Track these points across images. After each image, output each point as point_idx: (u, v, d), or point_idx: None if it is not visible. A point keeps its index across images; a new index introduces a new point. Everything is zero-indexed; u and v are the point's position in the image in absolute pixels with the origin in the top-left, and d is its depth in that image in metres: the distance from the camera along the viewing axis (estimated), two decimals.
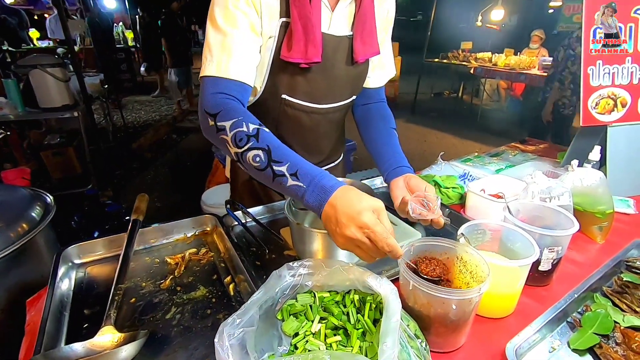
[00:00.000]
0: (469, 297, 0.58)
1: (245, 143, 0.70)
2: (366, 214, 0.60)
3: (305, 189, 0.66)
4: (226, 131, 0.72)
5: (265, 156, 0.68)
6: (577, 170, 1.04)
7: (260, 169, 0.69)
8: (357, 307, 0.66)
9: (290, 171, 0.67)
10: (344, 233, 0.61)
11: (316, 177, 0.66)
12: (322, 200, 0.65)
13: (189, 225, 1.02)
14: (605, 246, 0.99)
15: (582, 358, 0.65)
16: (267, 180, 0.70)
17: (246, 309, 0.55)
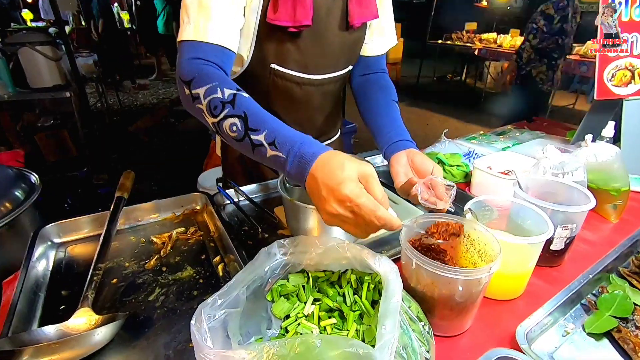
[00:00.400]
0: (477, 277, 0.53)
1: (221, 111, 0.62)
2: (348, 185, 0.52)
3: (284, 160, 0.58)
4: (200, 99, 0.64)
5: (242, 124, 0.60)
6: (591, 146, 0.97)
7: (238, 139, 0.61)
8: (354, 288, 0.60)
9: (268, 140, 0.59)
10: (325, 208, 0.54)
11: (295, 145, 0.58)
12: (303, 171, 0.56)
13: (178, 203, 0.96)
14: (619, 225, 0.93)
15: (598, 343, 0.60)
16: (248, 152, 0.62)
17: (229, 288, 0.49)
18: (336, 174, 0.53)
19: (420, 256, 0.55)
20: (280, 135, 0.60)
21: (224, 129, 0.63)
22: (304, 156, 0.57)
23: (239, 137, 0.62)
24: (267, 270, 0.59)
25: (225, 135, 0.63)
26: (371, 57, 1.03)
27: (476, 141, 1.39)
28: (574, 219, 0.73)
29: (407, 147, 0.81)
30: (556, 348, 0.59)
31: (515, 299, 0.69)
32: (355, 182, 0.53)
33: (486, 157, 1.12)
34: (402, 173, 0.76)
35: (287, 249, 0.61)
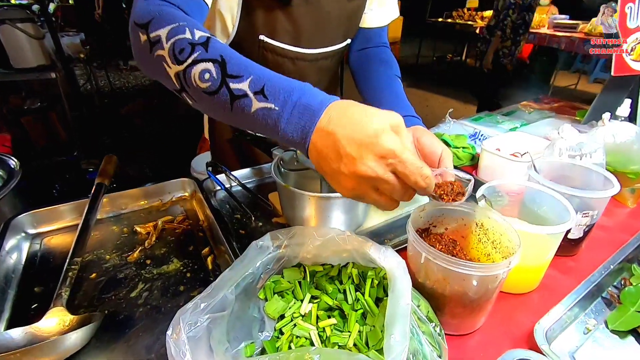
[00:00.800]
0: (495, 272, 0.47)
1: (189, 54, 0.47)
2: (387, 136, 0.40)
3: (278, 113, 0.43)
4: (162, 42, 0.49)
5: (218, 70, 0.46)
6: (608, 125, 0.91)
7: (212, 90, 0.46)
8: (355, 284, 0.54)
9: (254, 87, 0.44)
10: (356, 170, 0.40)
11: (294, 92, 0.44)
12: (307, 126, 0.43)
13: (165, 190, 0.89)
14: (637, 211, 0.87)
15: (623, 340, 0.55)
16: (225, 110, 0.47)
17: (214, 289, 0.43)
18: (366, 124, 0.40)
19: (431, 249, 0.49)
20: (271, 81, 0.45)
21: (192, 80, 0.47)
22: (309, 105, 0.43)
23: (212, 88, 0.46)
24: (259, 266, 0.52)
25: (194, 90, 0.48)
26: (371, 29, 0.94)
27: (482, 122, 1.31)
28: (596, 205, 0.67)
29: (412, 123, 0.74)
30: (577, 347, 0.54)
31: (530, 293, 0.64)
32: (393, 134, 0.41)
33: (494, 139, 1.05)
34: None
35: (282, 241, 0.55)
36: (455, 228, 0.62)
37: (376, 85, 0.86)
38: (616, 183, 0.67)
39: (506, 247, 0.55)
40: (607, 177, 0.71)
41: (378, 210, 0.84)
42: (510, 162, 0.90)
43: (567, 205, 0.61)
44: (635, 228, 0.78)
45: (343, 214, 0.73)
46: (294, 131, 0.44)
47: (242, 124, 0.49)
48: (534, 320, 0.58)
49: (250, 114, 0.45)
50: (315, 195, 0.68)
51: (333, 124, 0.42)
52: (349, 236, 0.54)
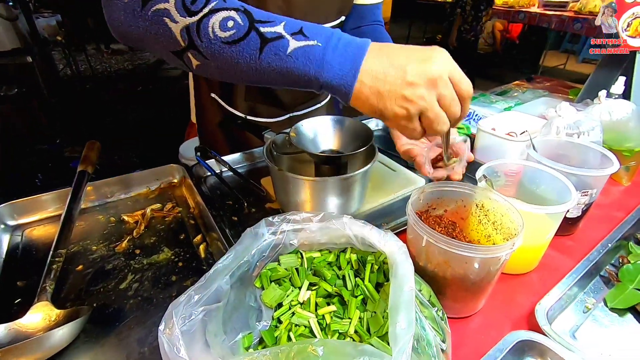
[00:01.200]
0: (497, 254, 0.46)
1: (204, 4, 0.43)
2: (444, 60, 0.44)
3: (323, 48, 0.43)
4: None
5: (243, 17, 0.43)
6: (604, 103, 0.89)
7: (237, 38, 0.43)
8: (355, 269, 0.53)
9: (291, 30, 0.43)
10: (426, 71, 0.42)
11: (334, 33, 0.44)
12: (357, 55, 0.43)
13: (153, 176, 0.86)
14: (631, 188, 0.87)
15: (622, 318, 0.55)
16: (248, 60, 0.44)
17: (208, 279, 0.41)
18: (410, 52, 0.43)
19: (432, 232, 0.48)
20: (306, 24, 0.45)
21: (209, 30, 0.43)
22: (353, 40, 0.44)
23: (238, 35, 0.43)
24: (255, 253, 0.50)
25: (209, 43, 0.43)
26: (365, 6, 0.90)
27: (476, 102, 1.29)
28: (595, 184, 0.66)
29: None
30: (577, 326, 0.53)
31: (529, 273, 0.63)
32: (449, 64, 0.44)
33: (489, 118, 1.03)
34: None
35: (277, 227, 0.53)
36: (455, 210, 0.61)
37: None
38: (615, 161, 0.66)
39: (507, 229, 0.54)
40: (605, 155, 0.70)
41: (374, 194, 0.82)
42: (507, 142, 0.89)
43: (568, 184, 0.60)
44: (630, 206, 0.78)
45: (338, 198, 0.70)
46: (343, 62, 0.43)
47: (266, 72, 0.45)
48: (534, 301, 0.57)
49: (286, 55, 0.43)
50: (310, 179, 0.66)
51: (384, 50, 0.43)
52: (348, 220, 0.52)
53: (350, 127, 0.79)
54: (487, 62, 5.67)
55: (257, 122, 0.96)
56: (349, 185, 0.70)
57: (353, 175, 0.67)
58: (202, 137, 1.06)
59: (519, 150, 0.90)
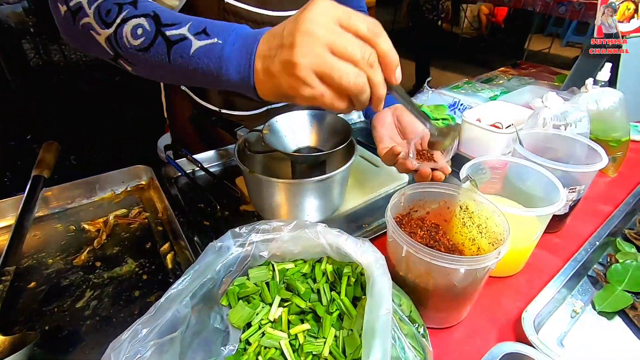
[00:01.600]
0: (483, 265, 0.42)
1: (117, 14, 0.44)
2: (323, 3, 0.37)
3: (221, 45, 0.42)
4: (84, 9, 0.45)
5: (151, 22, 0.43)
6: (591, 91, 0.86)
7: (146, 45, 0.43)
8: (330, 282, 0.49)
9: (195, 30, 0.43)
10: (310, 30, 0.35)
11: (236, 27, 0.43)
12: (251, 44, 0.41)
13: (118, 178, 0.80)
14: (618, 180, 0.85)
15: (610, 322, 0.52)
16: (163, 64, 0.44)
17: (159, 309, 0.36)
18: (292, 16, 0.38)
19: (412, 241, 0.44)
20: (212, 23, 0.43)
21: (124, 40, 0.44)
22: (251, 32, 0.42)
23: (146, 43, 0.43)
24: (220, 269, 0.46)
25: (127, 51, 0.45)
26: None
27: (461, 90, 1.26)
28: (583, 180, 0.63)
29: (392, 102, 0.67)
30: (565, 333, 0.51)
31: (515, 275, 0.60)
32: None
33: (474, 109, 0.99)
34: (387, 136, 0.63)
35: (245, 239, 0.48)
36: (438, 211, 0.57)
37: None
38: (604, 155, 0.63)
39: (493, 232, 0.51)
40: (593, 149, 0.67)
41: (355, 192, 0.78)
42: (492, 134, 0.85)
43: (556, 181, 0.57)
44: (617, 198, 0.76)
45: (317, 200, 0.66)
46: (239, 56, 0.41)
47: (182, 74, 0.45)
48: (520, 306, 0.54)
49: (190, 56, 0.42)
50: (284, 182, 0.61)
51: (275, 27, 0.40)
52: (322, 229, 0.48)
53: (330, 121, 0.74)
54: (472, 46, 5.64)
55: (232, 115, 0.90)
56: (327, 186, 0.66)
57: (331, 176, 0.62)
58: (173, 133, 1.00)
59: (505, 142, 0.87)
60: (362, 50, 0.36)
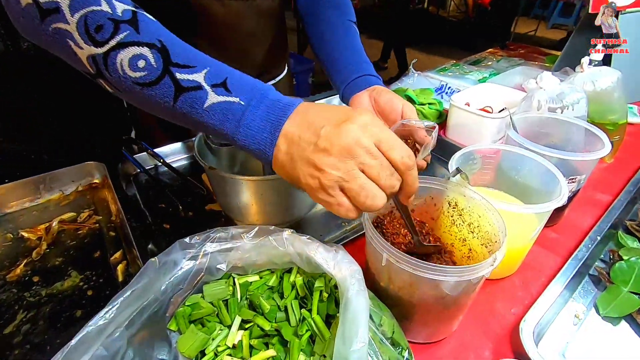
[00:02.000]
0: (476, 275, 0.36)
1: (112, 34, 0.35)
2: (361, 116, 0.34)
3: (245, 107, 0.36)
4: (63, 13, 0.35)
5: (157, 57, 0.35)
6: (587, 71, 0.80)
7: (148, 81, 0.36)
8: (301, 297, 0.42)
9: (213, 80, 0.36)
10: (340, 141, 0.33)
11: (260, 89, 0.37)
12: (278, 118, 0.36)
13: (67, 177, 0.71)
14: (615, 166, 0.80)
15: (616, 327, 0.47)
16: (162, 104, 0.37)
17: (79, 342, 0.29)
18: (334, 112, 0.35)
19: (393, 249, 0.37)
20: (233, 75, 0.37)
21: (117, 67, 0.35)
22: (278, 100, 0.37)
23: (149, 79, 0.36)
24: (167, 288, 0.38)
25: (119, 79, 0.36)
26: None
27: (449, 73, 1.18)
28: (584, 169, 0.57)
29: (370, 83, 0.60)
30: (567, 343, 0.45)
31: (510, 276, 0.54)
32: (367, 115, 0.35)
33: (463, 92, 0.92)
34: None
35: (198, 250, 0.41)
36: (423, 208, 0.51)
37: (327, 37, 0.69)
38: (606, 140, 0.57)
39: (486, 232, 0.44)
40: (592, 133, 0.61)
41: None
42: (482, 119, 0.79)
43: (555, 172, 0.50)
44: (615, 186, 0.71)
45: (289, 197, 0.59)
46: (262, 126, 0.36)
47: (185, 121, 0.39)
48: (516, 312, 0.49)
49: (202, 109, 0.36)
50: (250, 179, 0.53)
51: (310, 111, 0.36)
52: (289, 236, 0.41)
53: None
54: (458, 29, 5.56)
55: None
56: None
57: None
58: (135, 124, 0.90)
59: (497, 127, 0.81)
60: (391, 179, 0.35)
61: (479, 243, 0.45)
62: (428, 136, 0.49)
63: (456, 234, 0.49)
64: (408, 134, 0.51)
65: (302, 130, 0.35)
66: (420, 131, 0.49)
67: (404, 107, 0.53)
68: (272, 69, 0.87)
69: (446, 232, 0.50)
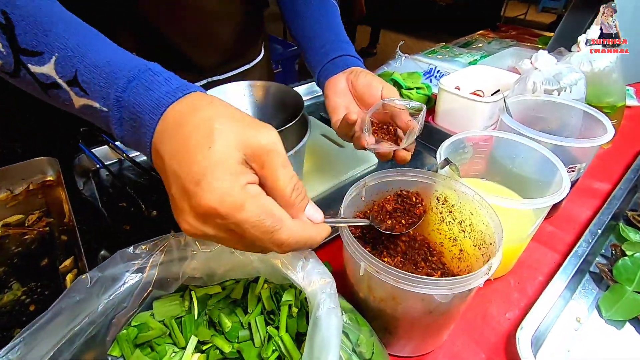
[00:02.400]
0: (469, 287, 0.30)
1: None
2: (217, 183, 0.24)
3: (107, 113, 0.29)
4: None
5: (4, 40, 0.28)
6: (584, 50, 0.75)
7: (9, 72, 0.29)
8: (267, 311, 0.36)
9: (64, 74, 0.28)
10: (180, 223, 0.26)
11: (118, 82, 0.28)
12: (141, 140, 0.28)
13: (17, 174, 0.63)
14: (613, 152, 0.75)
15: (619, 330, 0.43)
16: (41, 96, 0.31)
17: None
18: (195, 155, 0.24)
19: (373, 259, 0.31)
20: (84, 61, 0.28)
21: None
22: (138, 111, 0.28)
23: (8, 69, 0.29)
24: (107, 306, 0.32)
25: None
26: None
27: (438, 56, 1.12)
28: (584, 157, 0.52)
29: (348, 64, 0.53)
30: (568, 351, 0.41)
31: (505, 276, 0.50)
32: (235, 174, 0.25)
33: (452, 75, 0.86)
34: (342, 106, 0.49)
35: (145, 260, 0.35)
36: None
37: (303, 11, 0.62)
38: (609, 125, 0.52)
39: (479, 232, 0.39)
40: (592, 117, 0.56)
41: (315, 178, 0.65)
42: (473, 103, 0.73)
43: (555, 160, 0.45)
44: (614, 173, 0.67)
45: None
46: (132, 138, 0.29)
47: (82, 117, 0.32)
48: (511, 317, 0.44)
49: (76, 109, 0.30)
50: None
51: (164, 142, 0.26)
52: None
53: (277, 94, 0.60)
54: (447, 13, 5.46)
55: None
56: None
57: None
58: None
59: (489, 112, 0.75)
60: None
61: (471, 244, 0.40)
62: (413, 120, 0.43)
63: (446, 232, 0.43)
64: (389, 118, 0.45)
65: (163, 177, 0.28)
66: (403, 114, 0.43)
67: (384, 90, 0.47)
68: (245, 53, 0.80)
69: (434, 230, 0.45)
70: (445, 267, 0.42)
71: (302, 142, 0.53)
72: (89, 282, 0.31)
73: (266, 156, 0.26)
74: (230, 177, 0.24)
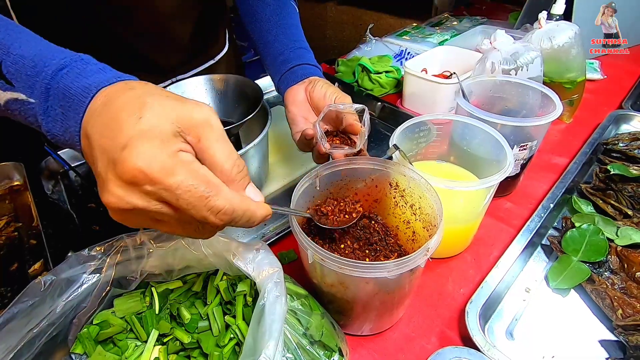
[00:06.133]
0: (408, 268, 0.32)
1: None
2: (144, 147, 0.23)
3: (35, 105, 0.28)
4: None
5: None
6: (545, 27, 0.76)
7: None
8: (225, 302, 0.38)
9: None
10: (105, 197, 0.24)
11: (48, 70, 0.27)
12: (70, 126, 0.27)
13: None
14: (573, 127, 0.77)
15: (565, 299, 0.45)
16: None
17: None
18: (122, 125, 0.23)
19: (317, 248, 0.33)
20: (11, 53, 0.28)
21: None
22: (67, 96, 0.27)
23: None
24: (65, 307, 0.34)
25: None
26: None
27: (408, 37, 1.12)
28: (535, 134, 0.54)
29: (306, 74, 0.52)
30: (517, 320, 0.43)
31: (461, 253, 0.52)
32: (165, 141, 0.24)
33: (418, 57, 0.87)
34: (300, 117, 0.50)
35: (101, 261, 0.36)
36: (366, 191, 0.47)
37: (263, 15, 0.59)
38: (557, 101, 0.54)
39: (427, 215, 0.41)
40: (546, 94, 0.57)
41: (280, 169, 0.66)
42: (437, 86, 0.74)
43: (502, 142, 0.47)
44: (573, 148, 0.69)
45: None
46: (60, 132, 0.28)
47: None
48: (465, 292, 0.47)
49: (2, 106, 0.29)
50: None
51: (92, 122, 0.25)
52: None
53: (236, 87, 0.61)
54: None
55: None
56: None
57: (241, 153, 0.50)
58: None
59: (453, 94, 0.76)
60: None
61: (421, 226, 0.42)
62: (358, 123, 0.43)
63: (400, 216, 0.45)
64: (339, 123, 0.46)
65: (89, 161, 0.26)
66: (349, 117, 0.44)
67: (337, 99, 0.46)
68: (208, 49, 0.78)
69: (390, 214, 0.46)
70: (401, 249, 0.44)
71: (263, 132, 0.54)
72: (42, 285, 0.32)
73: (202, 129, 0.25)
74: (159, 143, 0.23)
